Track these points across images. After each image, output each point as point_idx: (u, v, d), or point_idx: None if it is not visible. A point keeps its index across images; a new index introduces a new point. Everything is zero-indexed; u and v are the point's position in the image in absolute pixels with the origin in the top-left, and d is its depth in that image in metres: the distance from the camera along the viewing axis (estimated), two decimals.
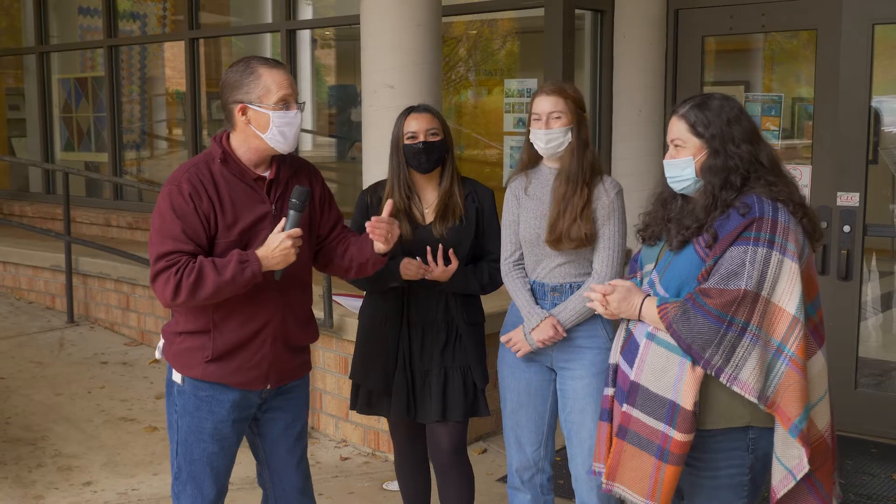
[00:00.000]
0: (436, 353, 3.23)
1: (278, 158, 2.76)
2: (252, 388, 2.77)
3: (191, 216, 2.61)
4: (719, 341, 2.30)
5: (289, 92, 2.65)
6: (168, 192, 2.64)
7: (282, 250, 2.61)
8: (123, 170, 8.37)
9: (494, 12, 6.35)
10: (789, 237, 2.33)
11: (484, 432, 4.74)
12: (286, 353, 2.82)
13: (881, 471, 4.39)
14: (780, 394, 2.33)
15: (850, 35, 4.68)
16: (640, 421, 2.42)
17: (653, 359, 2.41)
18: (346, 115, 7.39)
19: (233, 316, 2.71)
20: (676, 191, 2.54)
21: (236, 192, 2.68)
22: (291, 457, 2.93)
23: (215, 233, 2.65)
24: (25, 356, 6.11)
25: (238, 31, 7.95)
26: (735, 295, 2.28)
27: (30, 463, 4.50)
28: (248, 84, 2.65)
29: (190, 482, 2.80)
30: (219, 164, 2.68)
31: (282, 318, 2.76)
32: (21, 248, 7.34)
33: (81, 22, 8.68)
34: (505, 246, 3.17)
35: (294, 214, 2.64)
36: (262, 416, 2.88)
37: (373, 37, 4.39)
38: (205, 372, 2.73)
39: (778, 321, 2.32)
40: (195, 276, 2.56)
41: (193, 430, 2.77)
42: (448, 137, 3.26)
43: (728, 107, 2.46)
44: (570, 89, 3.06)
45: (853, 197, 4.72)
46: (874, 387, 4.99)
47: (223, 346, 2.71)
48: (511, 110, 5.75)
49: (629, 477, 2.44)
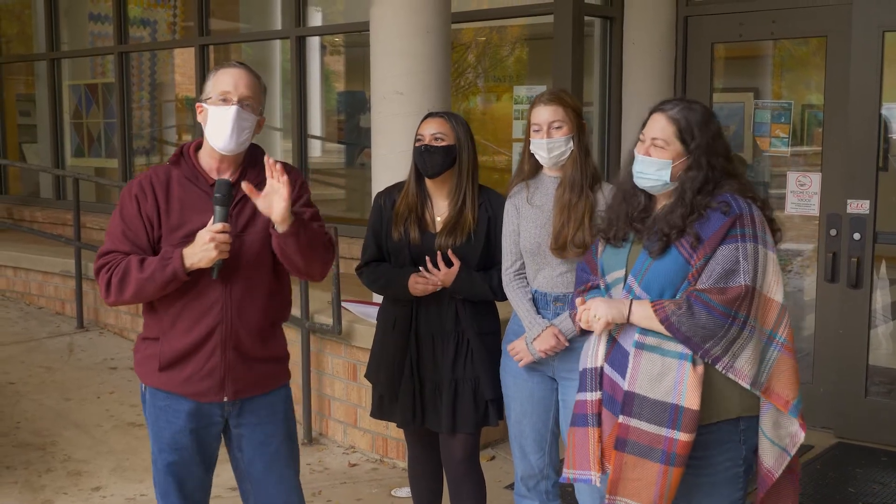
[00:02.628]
0: (446, 363, 3.21)
1: (246, 162, 2.70)
2: (207, 399, 2.69)
3: (133, 218, 2.64)
4: (723, 335, 2.37)
5: (230, 89, 2.60)
6: (122, 192, 2.71)
7: (201, 246, 2.52)
8: (133, 176, 8.39)
9: (503, 19, 6.36)
10: (766, 230, 2.44)
11: (492, 440, 4.73)
12: (242, 363, 2.69)
13: (892, 480, 4.36)
14: (774, 379, 2.43)
15: (860, 42, 4.66)
16: (639, 430, 2.41)
17: (647, 366, 2.42)
18: (355, 121, 7.39)
19: (178, 322, 2.66)
20: (641, 187, 2.54)
21: (189, 195, 2.65)
22: (270, 473, 2.80)
23: (160, 235, 2.64)
24: (35, 361, 6.13)
25: (247, 37, 7.97)
26: (738, 292, 2.36)
27: (39, 468, 4.50)
28: (206, 83, 2.68)
29: (158, 491, 2.79)
30: (174, 167, 2.69)
31: (230, 325, 2.65)
32: (31, 254, 7.37)
33: (92, 28, 8.72)
34: (506, 256, 3.16)
35: (218, 209, 2.54)
36: (234, 431, 2.79)
37: (382, 43, 4.40)
38: (159, 380, 2.70)
39: (769, 311, 2.42)
40: (121, 274, 2.59)
41: (156, 439, 2.76)
42: (461, 146, 3.18)
43: (712, 120, 2.52)
44: (568, 98, 3.05)
45: (863, 204, 4.70)
46: (884, 395, 4.97)
47: (170, 353, 2.67)
48: (520, 117, 5.74)
49: (633, 487, 2.43)
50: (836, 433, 4.87)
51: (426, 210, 3.25)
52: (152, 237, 2.64)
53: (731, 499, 2.49)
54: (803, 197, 4.92)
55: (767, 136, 5.18)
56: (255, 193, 2.53)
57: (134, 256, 2.60)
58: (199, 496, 2.83)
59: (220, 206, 2.55)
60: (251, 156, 2.72)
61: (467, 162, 3.20)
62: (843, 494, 4.20)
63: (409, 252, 3.21)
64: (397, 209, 3.25)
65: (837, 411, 4.86)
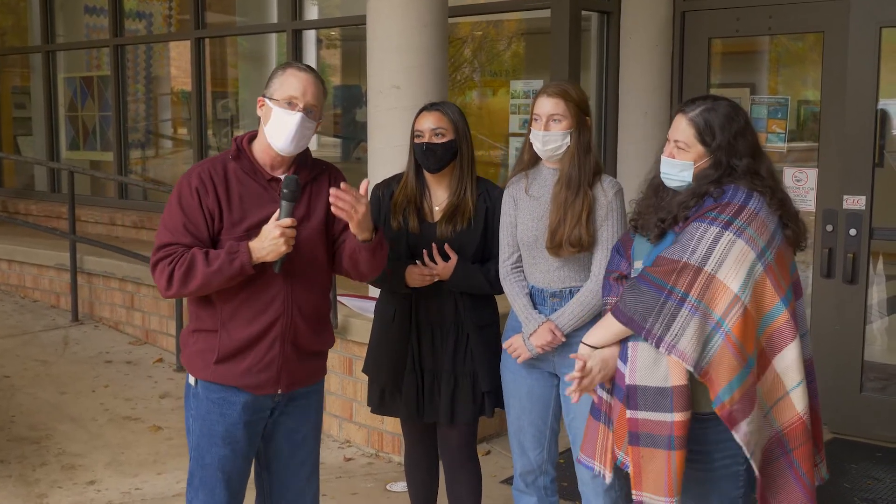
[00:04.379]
0: (446, 355, 3.21)
1: (298, 161, 2.77)
2: (263, 391, 2.75)
3: (194, 210, 2.65)
4: (659, 309, 2.36)
5: (297, 95, 2.66)
6: (179, 185, 2.72)
7: (271, 240, 2.59)
8: (129, 169, 8.37)
9: (500, 13, 6.34)
10: (752, 223, 2.38)
11: (488, 434, 4.73)
12: (297, 357, 2.78)
13: (886, 475, 4.38)
14: (713, 366, 2.39)
15: (857, 38, 4.66)
16: (647, 421, 2.42)
17: (642, 357, 2.43)
18: (352, 115, 7.39)
19: (238, 314, 2.70)
20: (668, 186, 2.56)
21: (248, 190, 2.70)
22: (293, 459, 2.90)
23: (220, 228, 2.67)
24: (30, 355, 6.11)
25: (244, 30, 7.96)
26: (675, 265, 2.36)
27: (34, 461, 4.50)
28: (274, 79, 2.71)
29: (202, 488, 2.79)
30: (232, 161, 2.71)
31: (290, 318, 2.73)
32: (26, 247, 7.35)
33: (87, 21, 8.69)
34: (503, 248, 3.15)
35: (284, 204, 2.62)
36: (271, 420, 2.86)
37: (379, 37, 4.39)
38: (214, 373, 2.72)
39: (720, 297, 2.37)
40: (186, 267, 2.60)
41: (206, 433, 2.76)
42: (460, 138, 3.20)
43: (737, 118, 2.47)
44: (573, 92, 3.01)
45: (859, 200, 4.71)
46: (880, 391, 4.98)
47: (229, 345, 2.71)
48: (517, 111, 5.74)
49: (652, 481, 2.44)
50: (831, 428, 4.88)
51: (424, 201, 3.25)
52: (212, 231, 2.67)
53: (729, 496, 2.49)
54: (799, 192, 4.93)
55: (764, 131, 5.18)
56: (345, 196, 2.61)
57: (197, 249, 2.62)
58: (241, 490, 2.86)
59: (288, 201, 2.62)
60: (302, 154, 2.79)
61: (467, 153, 3.22)
62: (837, 489, 4.21)
63: (406, 242, 3.21)
64: (395, 199, 3.25)
65: (833, 407, 4.87)
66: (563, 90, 3.00)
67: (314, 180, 2.79)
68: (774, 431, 2.50)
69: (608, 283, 2.68)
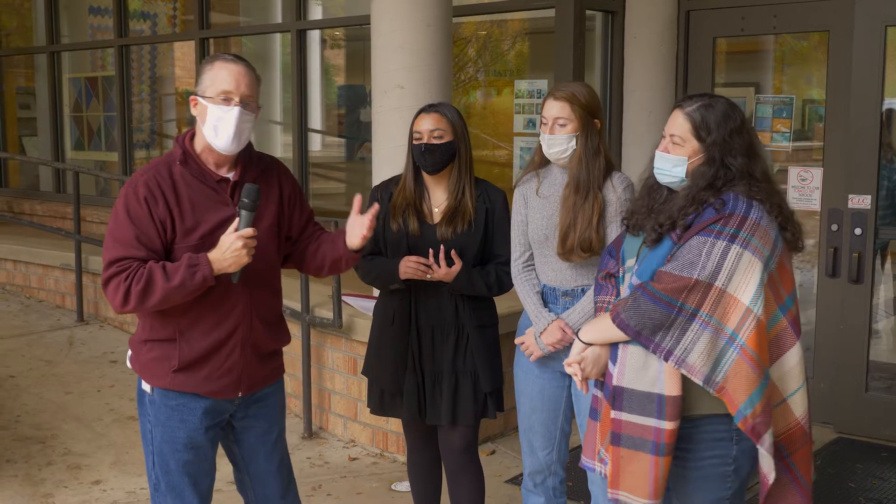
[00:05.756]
0: (447, 356, 3.21)
1: (244, 158, 2.67)
2: (223, 396, 2.70)
3: (145, 221, 2.53)
4: (669, 325, 2.35)
5: (231, 88, 2.53)
6: (124, 194, 2.56)
7: (233, 251, 2.50)
8: (133, 169, 8.38)
9: (504, 13, 6.34)
10: (755, 233, 2.36)
11: (492, 434, 4.73)
12: (256, 359, 2.73)
13: (891, 475, 4.37)
14: (730, 380, 2.37)
15: (863, 37, 4.66)
16: (630, 423, 2.43)
17: (632, 360, 2.43)
18: (356, 115, 7.38)
19: (199, 324, 2.63)
20: (661, 182, 2.55)
21: (197, 195, 2.59)
22: (270, 463, 2.85)
23: (173, 238, 2.56)
24: (35, 355, 6.13)
25: (248, 31, 7.96)
26: (686, 283, 2.34)
27: (39, 461, 4.51)
28: (203, 75, 2.58)
29: (170, 493, 2.73)
30: (179, 165, 2.60)
31: (249, 324, 2.67)
32: (31, 247, 7.37)
33: (92, 21, 8.71)
34: (514, 247, 3.15)
35: (245, 214, 2.53)
36: (237, 424, 2.80)
37: (383, 37, 4.39)
38: (173, 382, 2.65)
39: (732, 311, 2.36)
40: (144, 283, 2.48)
41: (167, 440, 2.69)
42: (459, 139, 3.19)
43: (733, 116, 2.46)
44: (581, 95, 2.98)
45: (865, 199, 4.70)
46: (885, 390, 4.97)
47: (190, 355, 2.63)
48: (521, 111, 5.73)
49: (630, 482, 2.44)
50: (836, 428, 4.87)
51: (424, 203, 3.24)
52: (165, 240, 2.57)
53: (715, 496, 2.48)
54: (804, 192, 4.92)
55: (769, 130, 5.17)
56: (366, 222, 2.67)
57: (153, 264, 2.51)
58: (208, 492, 2.82)
59: (249, 211, 2.54)
60: (244, 149, 2.68)
61: (465, 154, 3.22)
62: (842, 490, 4.20)
63: (407, 244, 3.20)
64: (394, 202, 3.24)
65: (838, 406, 4.87)
66: (570, 93, 2.98)
67: (261, 176, 2.68)
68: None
69: (598, 283, 2.69)
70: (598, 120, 3.01)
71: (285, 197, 2.77)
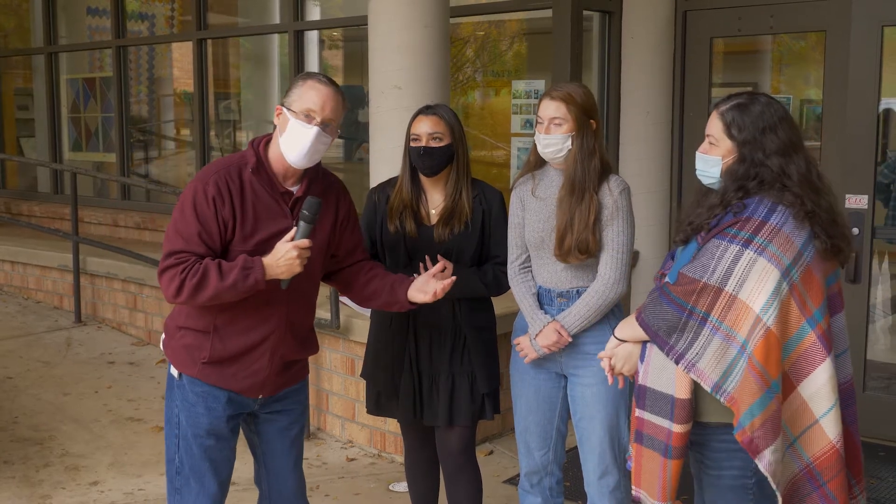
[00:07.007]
0: (444, 358, 3.21)
1: (310, 175, 2.74)
2: (246, 395, 2.79)
3: (210, 220, 2.61)
4: (682, 328, 2.34)
5: (316, 109, 2.62)
6: (193, 189, 2.64)
7: (287, 260, 2.59)
8: (131, 170, 8.39)
9: (502, 13, 6.35)
10: (774, 239, 2.29)
11: (490, 434, 4.74)
12: (282, 367, 2.82)
13: (889, 474, 4.37)
14: (738, 390, 2.30)
15: (859, 37, 4.66)
16: (650, 422, 2.43)
17: (655, 360, 2.43)
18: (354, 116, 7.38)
19: (235, 322, 2.70)
20: (704, 184, 2.51)
21: (261, 202, 2.67)
22: (287, 459, 2.93)
23: (231, 239, 2.65)
24: (33, 356, 6.12)
25: (246, 31, 7.96)
26: (695, 286, 2.32)
27: (37, 462, 4.50)
28: (294, 89, 2.68)
29: (192, 476, 2.80)
30: (250, 171, 2.67)
31: (283, 332, 2.76)
32: (29, 248, 7.36)
33: (90, 22, 8.70)
34: (511, 249, 3.15)
35: (304, 226, 2.62)
36: (260, 415, 2.89)
37: (380, 38, 4.39)
38: (201, 372, 2.73)
39: (743, 318, 2.29)
40: (198, 278, 2.56)
41: (192, 424, 2.77)
42: (457, 141, 3.19)
43: (769, 114, 2.39)
44: (577, 96, 2.96)
45: (862, 199, 4.70)
46: (882, 390, 4.97)
47: (221, 351, 2.71)
48: (518, 111, 5.74)
49: (646, 480, 2.45)
50: None
51: (421, 204, 3.24)
52: (224, 240, 2.64)
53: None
54: None
55: None
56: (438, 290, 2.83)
57: (209, 261, 2.59)
58: (225, 477, 2.88)
59: (308, 223, 2.62)
60: (313, 166, 2.76)
61: (463, 156, 3.22)
62: None
63: (404, 245, 3.20)
64: (391, 204, 3.24)
65: None
66: (565, 94, 2.96)
67: (323, 194, 2.77)
68: (805, 465, 2.38)
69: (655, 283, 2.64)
70: (594, 121, 3.00)
71: (340, 217, 2.85)
